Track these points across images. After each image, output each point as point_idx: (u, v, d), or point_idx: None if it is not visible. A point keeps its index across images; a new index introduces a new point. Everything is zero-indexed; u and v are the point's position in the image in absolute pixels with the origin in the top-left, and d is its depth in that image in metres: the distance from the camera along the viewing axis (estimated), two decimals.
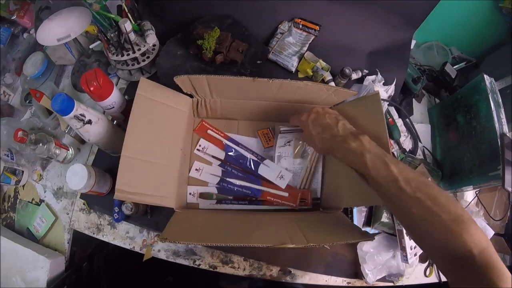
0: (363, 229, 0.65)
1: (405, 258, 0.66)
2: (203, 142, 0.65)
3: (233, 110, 0.63)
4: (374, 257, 0.66)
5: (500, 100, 0.69)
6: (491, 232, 0.76)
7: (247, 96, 0.57)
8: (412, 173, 0.40)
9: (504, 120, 0.67)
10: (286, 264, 0.64)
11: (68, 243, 0.66)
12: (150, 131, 0.51)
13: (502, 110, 0.68)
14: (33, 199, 0.69)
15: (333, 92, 0.55)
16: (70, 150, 0.68)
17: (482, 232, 0.36)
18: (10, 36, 0.81)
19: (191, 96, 0.57)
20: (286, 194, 0.63)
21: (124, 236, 0.63)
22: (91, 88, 0.51)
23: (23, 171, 0.69)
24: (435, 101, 0.88)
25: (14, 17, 0.75)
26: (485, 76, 0.69)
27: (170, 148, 0.54)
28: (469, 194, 0.77)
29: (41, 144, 0.63)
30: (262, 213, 0.58)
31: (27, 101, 0.74)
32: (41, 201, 0.68)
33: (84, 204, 0.65)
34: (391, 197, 0.41)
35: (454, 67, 0.89)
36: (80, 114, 0.51)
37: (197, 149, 0.65)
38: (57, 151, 0.65)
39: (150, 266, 0.65)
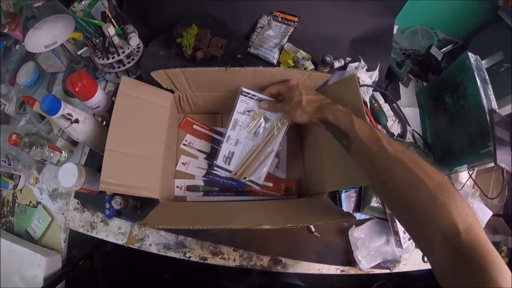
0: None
1: (399, 243, 0.67)
2: (189, 137, 0.69)
3: (215, 103, 0.67)
4: (366, 243, 0.67)
5: (487, 77, 0.71)
6: (489, 213, 0.76)
7: (225, 87, 0.60)
8: (394, 140, 0.42)
9: (492, 97, 0.68)
10: (277, 254, 0.66)
11: (64, 242, 0.69)
12: (133, 126, 0.55)
13: (490, 86, 0.69)
14: (30, 202, 0.74)
15: (308, 77, 0.58)
16: (63, 152, 0.72)
17: (468, 205, 0.35)
18: (3, 49, 0.88)
19: (172, 91, 0.61)
20: (270, 184, 0.65)
21: (117, 232, 0.67)
22: (76, 89, 0.56)
23: (20, 176, 0.74)
24: (423, 84, 0.90)
25: (6, 30, 0.81)
26: (470, 54, 0.71)
27: (152, 142, 0.57)
28: (464, 176, 0.78)
29: (34, 147, 0.67)
30: (245, 202, 0.61)
31: (22, 109, 0.80)
32: (38, 203, 0.73)
33: (78, 203, 0.70)
34: (372, 157, 0.40)
35: (441, 50, 0.91)
36: (67, 114, 0.56)
37: (184, 144, 0.69)
38: (51, 154, 0.70)
39: (146, 264, 0.68)
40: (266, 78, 0.57)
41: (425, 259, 0.73)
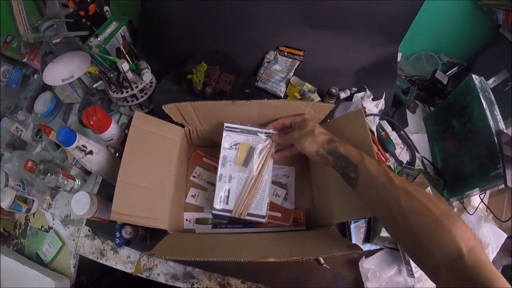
0: (362, 246, 0.69)
1: (410, 273, 0.66)
2: (198, 169, 0.73)
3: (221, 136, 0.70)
4: (377, 274, 0.67)
5: (493, 98, 0.70)
6: (504, 236, 0.74)
7: (234, 119, 0.63)
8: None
9: (499, 117, 0.68)
10: (285, 286, 0.66)
11: (74, 267, 0.72)
12: (144, 159, 0.59)
13: (496, 107, 0.69)
14: (42, 226, 0.77)
15: (311, 108, 0.61)
16: (77, 180, 0.76)
17: (470, 230, 0.38)
18: (22, 77, 0.94)
19: (182, 126, 0.65)
20: (279, 215, 0.67)
21: (126, 260, 0.69)
22: (91, 122, 0.60)
23: (33, 200, 0.78)
24: (430, 110, 0.91)
25: (25, 60, 0.88)
26: (474, 76, 0.71)
27: (162, 174, 0.60)
28: (476, 200, 0.77)
29: (49, 174, 0.71)
30: (253, 233, 0.63)
31: (38, 136, 0.85)
32: (50, 228, 0.76)
33: (89, 230, 0.73)
34: (380, 188, 0.43)
35: (447, 73, 0.93)
36: (82, 145, 0.60)
37: (193, 176, 0.72)
38: (65, 181, 0.74)
39: None
40: (272, 110, 0.60)
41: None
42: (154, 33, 0.83)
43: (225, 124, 0.63)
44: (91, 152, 0.61)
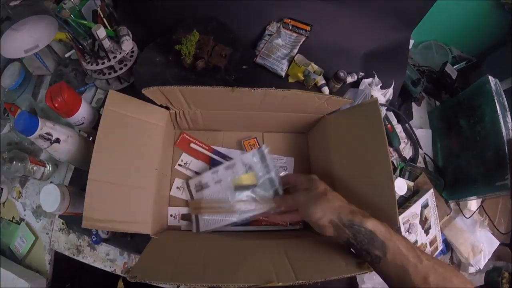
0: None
1: None
2: (185, 156, 0.58)
3: (216, 121, 0.56)
4: (373, 277, 0.58)
5: (506, 103, 0.62)
6: (496, 243, 0.68)
7: (230, 106, 0.49)
8: None
9: (510, 124, 0.59)
10: None
11: (49, 263, 0.59)
12: (121, 150, 0.44)
13: (508, 113, 0.61)
14: (13, 218, 0.63)
15: (326, 101, 0.47)
16: (48, 166, 0.61)
17: None
18: None
19: (168, 108, 0.50)
20: None
21: (105, 258, 0.57)
22: (56, 104, 0.44)
23: (2, 188, 0.63)
24: (435, 103, 0.79)
25: None
26: (490, 78, 0.61)
27: (144, 169, 0.46)
28: (473, 203, 0.69)
29: (15, 162, 0.56)
30: (248, 237, 0.50)
31: (6, 114, 0.67)
32: (21, 219, 0.62)
33: (63, 224, 0.59)
34: (408, 267, 0.36)
35: (454, 67, 0.80)
36: (46, 133, 0.45)
37: (179, 164, 0.57)
38: (34, 168, 0.58)
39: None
40: (277, 101, 0.46)
41: None
42: None
43: (265, 148, 0.51)
44: (57, 140, 0.46)
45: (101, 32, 0.52)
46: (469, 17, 0.78)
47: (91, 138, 0.55)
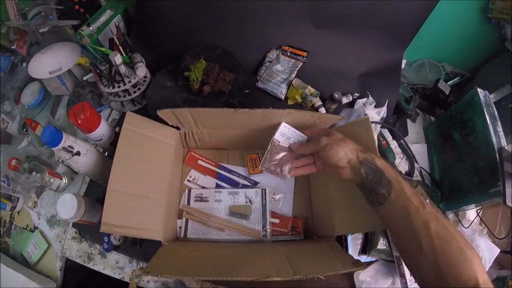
0: (358, 257, 0.65)
1: (405, 286, 0.64)
2: (193, 172, 0.66)
3: (221, 140, 0.64)
4: (372, 286, 0.64)
5: (496, 113, 0.67)
6: (497, 250, 0.71)
7: (233, 126, 0.58)
8: None
9: (501, 133, 0.65)
10: None
11: (60, 270, 0.66)
12: (136, 164, 0.52)
13: (499, 123, 0.66)
14: (27, 226, 0.71)
15: (318, 118, 0.55)
16: (64, 179, 0.69)
17: (482, 264, 0.38)
18: (10, 65, 0.85)
19: (178, 128, 0.58)
20: (277, 221, 0.63)
21: (114, 266, 0.64)
22: (79, 121, 0.53)
23: (18, 198, 0.71)
24: (430, 119, 0.87)
25: (14, 47, 0.79)
26: (479, 90, 0.67)
27: (156, 181, 0.54)
28: (471, 213, 0.74)
29: (34, 173, 0.64)
30: (251, 245, 0.58)
31: (24, 130, 0.77)
32: (35, 228, 0.69)
33: (76, 232, 0.66)
34: (411, 211, 0.40)
35: (448, 83, 0.88)
36: (69, 146, 0.53)
37: (188, 180, 0.66)
38: (51, 180, 0.67)
39: None
40: (276, 119, 0.54)
41: None
42: (151, 23, 0.75)
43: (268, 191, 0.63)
44: (78, 153, 0.54)
45: (118, 59, 0.62)
46: (459, 34, 0.86)
47: (106, 153, 0.64)
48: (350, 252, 0.65)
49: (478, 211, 0.73)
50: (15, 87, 0.82)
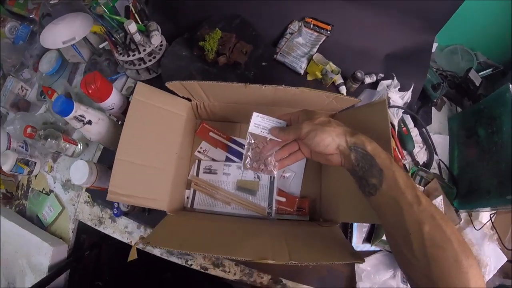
0: (362, 245, 0.65)
1: (404, 280, 0.64)
2: (204, 144, 0.67)
3: (233, 113, 0.64)
4: (371, 276, 0.64)
5: None
6: (504, 259, 0.70)
7: (245, 100, 0.57)
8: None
9: None
10: (278, 274, 0.64)
11: (72, 232, 0.70)
12: (145, 135, 0.53)
13: None
14: (43, 189, 0.75)
15: (334, 99, 0.53)
16: (79, 145, 0.72)
17: (482, 275, 0.34)
18: (30, 34, 0.87)
19: (189, 99, 0.58)
20: (283, 200, 0.63)
21: (123, 230, 0.67)
22: (90, 91, 0.54)
23: (35, 162, 0.75)
24: (457, 110, 0.82)
25: (32, 16, 0.80)
26: (511, 87, 0.63)
27: (164, 152, 0.55)
28: (485, 215, 0.71)
29: (49, 139, 0.67)
30: (254, 222, 0.58)
31: (42, 97, 0.80)
32: (51, 191, 0.73)
33: (88, 197, 0.70)
34: (403, 205, 0.36)
35: (480, 73, 0.81)
36: (80, 115, 0.54)
37: (198, 151, 0.66)
38: (66, 146, 0.69)
39: (150, 261, 0.68)
40: (288, 97, 0.53)
41: None
42: None
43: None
44: (90, 122, 0.56)
45: (132, 27, 0.62)
46: (496, 24, 0.79)
47: (120, 122, 0.65)
48: (354, 238, 0.65)
49: (492, 215, 0.70)
50: (33, 55, 0.84)
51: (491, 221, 0.69)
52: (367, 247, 0.65)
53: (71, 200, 0.72)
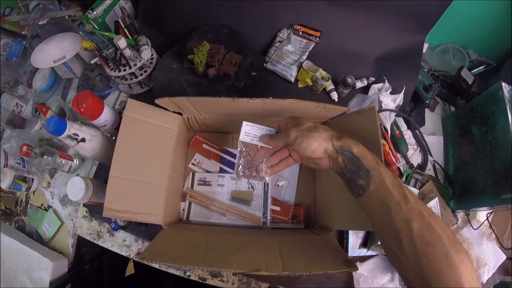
0: (359, 250, 0.65)
1: (403, 283, 0.64)
2: (198, 156, 0.68)
3: (225, 124, 0.65)
4: (369, 281, 0.65)
5: None
6: (503, 257, 0.70)
7: (236, 112, 0.57)
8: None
9: None
10: (276, 282, 0.64)
11: (72, 246, 0.71)
12: (138, 151, 0.54)
13: None
14: (42, 205, 0.76)
15: (323, 108, 0.54)
16: (75, 160, 0.73)
17: (475, 270, 0.34)
18: (23, 50, 0.88)
19: (180, 113, 0.59)
20: (278, 209, 0.64)
21: (121, 243, 0.68)
22: (82, 110, 0.55)
23: (33, 179, 0.76)
24: (450, 109, 0.82)
25: (24, 32, 0.82)
26: (503, 84, 0.63)
27: (157, 167, 0.56)
28: (482, 214, 0.72)
29: (46, 156, 0.68)
30: (249, 232, 0.59)
31: (37, 113, 0.81)
32: (49, 207, 0.75)
33: (86, 211, 0.71)
34: (392, 205, 0.37)
35: (472, 71, 0.82)
36: (73, 134, 0.56)
37: (192, 163, 0.67)
38: (62, 162, 0.71)
39: (150, 271, 0.69)
40: (277, 108, 0.53)
41: None
42: (157, 3, 0.74)
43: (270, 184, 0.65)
44: (83, 140, 0.57)
45: (122, 43, 0.62)
46: (488, 20, 0.79)
47: (114, 137, 0.67)
48: (351, 244, 0.65)
49: (489, 214, 0.71)
50: (27, 71, 0.86)
51: (488, 221, 0.70)
52: (364, 252, 0.66)
53: (70, 215, 0.73)
